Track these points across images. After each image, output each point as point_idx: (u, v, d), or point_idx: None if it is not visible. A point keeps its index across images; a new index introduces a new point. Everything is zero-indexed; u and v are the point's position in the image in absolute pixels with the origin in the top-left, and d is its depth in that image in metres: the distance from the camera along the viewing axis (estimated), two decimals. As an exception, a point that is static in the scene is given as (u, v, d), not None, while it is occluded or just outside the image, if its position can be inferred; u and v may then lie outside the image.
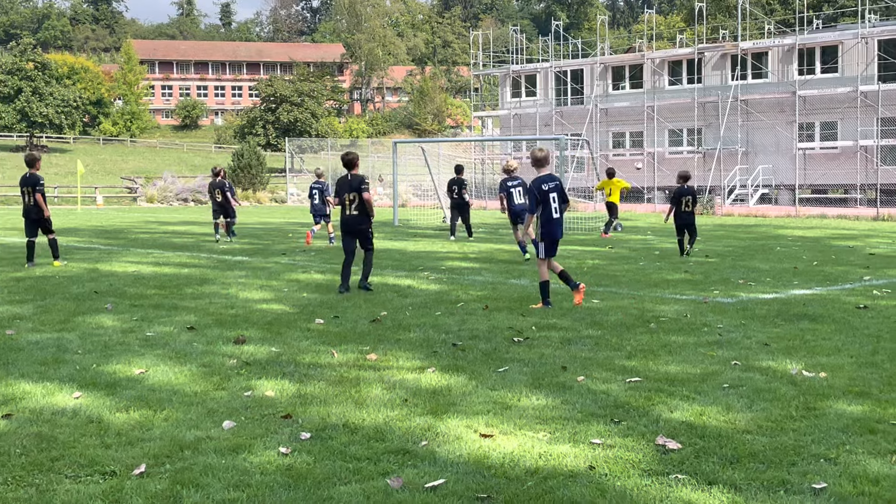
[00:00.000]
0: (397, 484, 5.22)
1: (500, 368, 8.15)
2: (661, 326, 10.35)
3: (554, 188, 12.11)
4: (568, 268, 16.97)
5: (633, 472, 5.47)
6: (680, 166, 50.47)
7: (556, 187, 12.14)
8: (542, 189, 12.06)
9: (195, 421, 6.49)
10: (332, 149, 73.09)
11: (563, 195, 12.27)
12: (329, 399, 7.08)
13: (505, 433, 6.21)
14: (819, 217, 37.95)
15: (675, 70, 53.16)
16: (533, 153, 12.37)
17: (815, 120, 47.45)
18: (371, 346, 9.16)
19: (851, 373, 7.99)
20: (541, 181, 12.15)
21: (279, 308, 11.84)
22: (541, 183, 12.12)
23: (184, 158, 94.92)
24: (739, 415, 6.64)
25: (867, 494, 5.07)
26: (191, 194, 58.45)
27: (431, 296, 13.01)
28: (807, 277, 15.28)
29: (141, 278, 15.17)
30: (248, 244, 23.18)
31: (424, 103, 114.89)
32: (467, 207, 25.70)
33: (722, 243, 23.27)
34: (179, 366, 8.25)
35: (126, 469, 5.48)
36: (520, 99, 59.69)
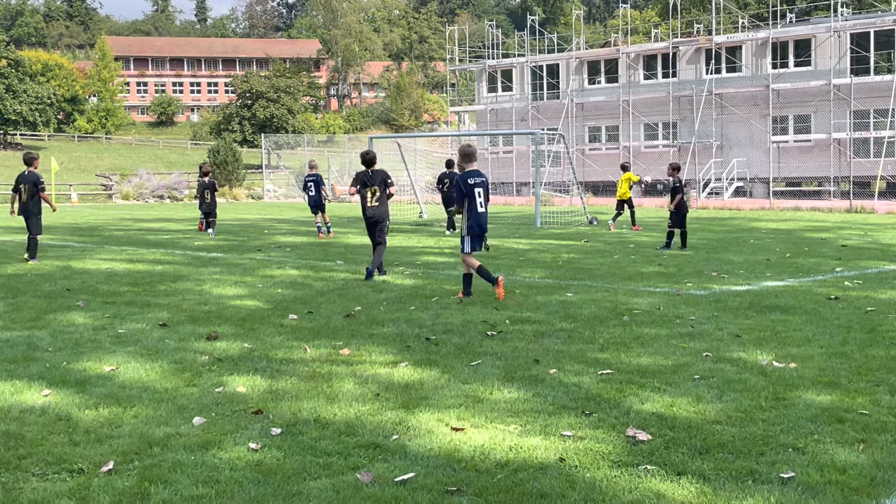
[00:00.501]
0: (367, 478, 5.21)
1: (472, 362, 8.15)
2: (634, 319, 10.39)
3: (480, 184, 12.39)
4: (542, 261, 17.04)
5: (602, 463, 5.48)
6: (656, 160, 50.73)
7: (482, 183, 12.44)
8: (468, 183, 12.34)
9: (165, 417, 6.45)
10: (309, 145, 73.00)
11: (488, 192, 12.58)
12: (301, 394, 7.06)
13: (476, 426, 6.21)
14: (793, 209, 38.20)
15: (650, 64, 53.33)
16: (461, 148, 12.76)
17: (788, 113, 47.73)
18: (344, 341, 9.15)
19: (821, 363, 8.04)
20: (467, 176, 12.45)
21: (253, 304, 11.80)
22: (467, 178, 12.41)
23: (159, 155, 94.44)
24: (709, 406, 6.67)
25: (834, 483, 5.10)
26: (166, 191, 58.19)
27: (406, 290, 13.01)
28: (779, 269, 15.36)
29: (114, 275, 15.08)
30: (223, 241, 23.09)
31: (401, 99, 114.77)
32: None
33: (696, 236, 23.35)
34: (150, 363, 8.21)
35: (94, 466, 5.45)
36: (496, 94, 59.73)
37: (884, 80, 43.99)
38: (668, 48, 51.71)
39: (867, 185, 43.97)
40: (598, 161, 53.72)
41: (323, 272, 15.44)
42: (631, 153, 51.92)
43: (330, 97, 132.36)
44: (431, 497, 4.95)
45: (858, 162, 44.38)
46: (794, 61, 47.96)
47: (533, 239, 23.01)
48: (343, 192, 58.22)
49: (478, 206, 12.37)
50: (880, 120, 44.38)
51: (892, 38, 44.76)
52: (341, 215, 36.58)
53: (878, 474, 5.23)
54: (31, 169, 17.42)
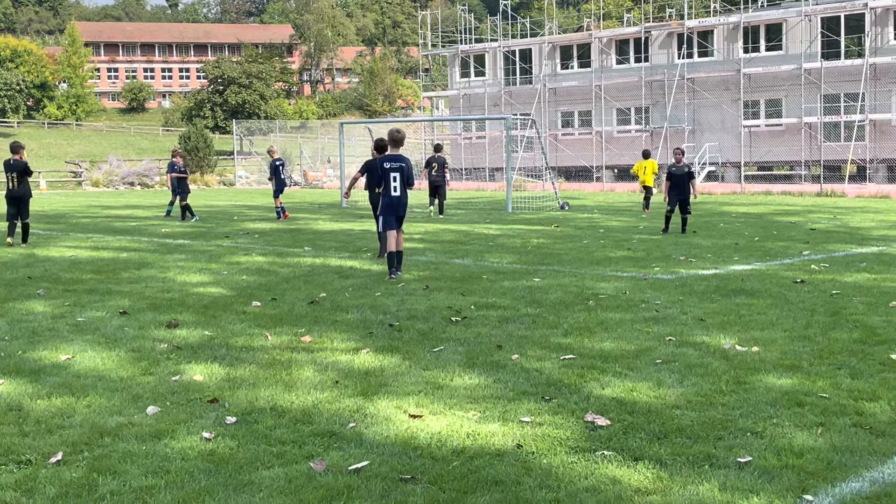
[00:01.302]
0: (321, 467, 5.14)
1: (435, 348, 8.08)
2: (599, 304, 10.35)
3: (397, 168, 12.89)
4: (512, 246, 16.99)
5: (560, 449, 5.43)
6: (629, 145, 50.76)
7: (400, 168, 12.90)
8: (384, 167, 12.94)
9: (118, 407, 6.35)
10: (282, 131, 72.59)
11: (407, 177, 12.96)
12: (258, 382, 6.97)
13: (434, 413, 6.14)
14: (764, 193, 38.34)
15: (623, 49, 53.31)
16: (389, 132, 13.19)
17: (759, 97, 47.86)
18: (307, 328, 9.05)
19: (784, 346, 8.03)
20: (383, 160, 13.07)
21: (216, 291, 11.67)
22: (383, 161, 13.04)
23: (131, 142, 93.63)
24: (670, 390, 6.64)
25: (791, 467, 5.07)
26: (137, 178, 57.73)
27: (373, 276, 12.92)
28: (747, 253, 15.38)
29: (77, 263, 14.89)
30: (190, 227, 22.89)
31: (375, 84, 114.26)
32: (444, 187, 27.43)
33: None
34: (108, 351, 8.09)
35: (42, 457, 5.34)
36: (469, 79, 59.54)
37: (854, 65, 44.16)
38: (641, 33, 51.69)
39: (837, 169, 44.17)
40: (571, 146, 53.71)
41: (290, 258, 15.31)
42: (603, 138, 51.93)
43: (303, 83, 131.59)
44: (385, 485, 4.88)
45: (829, 146, 44.58)
46: (765, 45, 48.06)
47: (504, 224, 22.96)
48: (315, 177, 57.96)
49: (391, 190, 12.87)
50: (851, 104, 44.58)
51: (863, 23, 44.93)
52: (312, 201, 36.39)
53: (835, 458, 5.21)
54: (16, 157, 17.88)
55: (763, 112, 48.18)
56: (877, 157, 44.34)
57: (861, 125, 43.82)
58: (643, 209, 27.35)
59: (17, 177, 17.91)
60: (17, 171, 17.88)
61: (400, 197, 13.01)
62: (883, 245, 16.69)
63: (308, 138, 74.00)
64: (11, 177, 17.95)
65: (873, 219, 23.32)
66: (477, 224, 22.98)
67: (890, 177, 44.01)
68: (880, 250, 15.77)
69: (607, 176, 51.58)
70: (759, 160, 48.18)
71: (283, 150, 61.64)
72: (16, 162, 17.89)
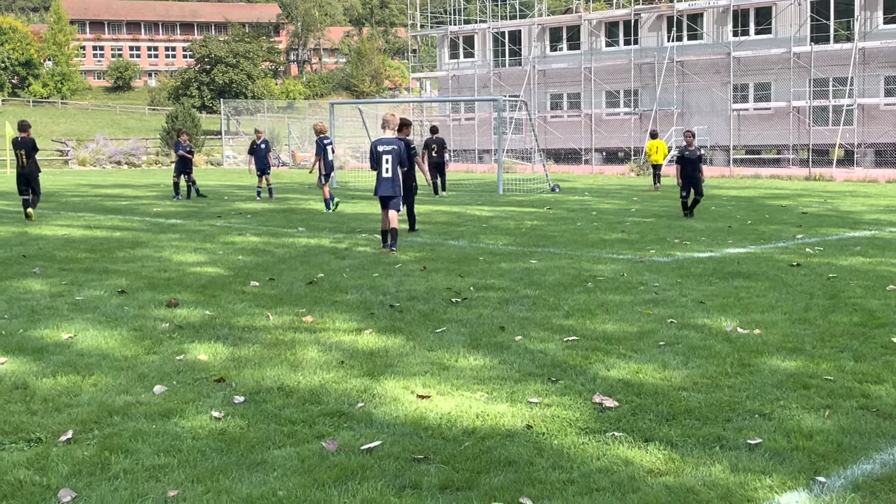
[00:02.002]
0: (333, 447, 5.14)
1: (437, 329, 8.08)
2: (598, 286, 10.36)
3: (389, 151, 13.39)
4: (506, 228, 17.00)
5: (570, 430, 5.45)
6: (618, 128, 50.77)
7: (392, 151, 13.39)
8: (377, 150, 13.49)
9: (125, 386, 6.33)
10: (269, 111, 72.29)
11: (401, 159, 13.47)
12: (263, 362, 6.96)
13: (442, 394, 6.15)
14: (753, 177, 38.42)
15: (612, 31, 53.24)
16: (384, 116, 13.79)
17: (748, 81, 47.91)
18: (307, 309, 9.04)
19: (785, 329, 8.06)
20: (377, 142, 13.60)
21: (213, 271, 11.64)
22: (377, 144, 13.57)
23: (116, 121, 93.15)
24: (675, 372, 6.66)
25: (801, 449, 5.10)
26: (124, 157, 57.46)
27: (369, 257, 12.90)
28: (741, 236, 15.43)
29: (71, 242, 14.83)
30: (182, 207, 22.82)
31: (362, 65, 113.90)
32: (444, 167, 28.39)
33: (658, 203, 23.43)
34: (109, 330, 8.06)
35: (52, 436, 5.33)
36: (458, 60, 59.39)
37: (843, 49, 44.23)
38: (630, 15, 51.62)
39: (825, 153, 44.29)
40: (560, 128, 53.68)
41: (284, 238, 15.28)
42: (592, 120, 51.93)
43: (290, 63, 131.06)
44: (398, 465, 4.88)
45: (817, 130, 44.70)
46: (754, 29, 48.09)
47: (496, 206, 22.95)
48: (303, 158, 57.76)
49: (382, 172, 13.45)
50: (839, 88, 44.68)
51: (852, 6, 44.97)
52: (302, 182, 36.30)
53: (844, 440, 5.24)
54: (24, 135, 18.71)
55: (752, 95, 48.24)
56: (864, 141, 44.48)
57: (849, 109, 43.93)
58: (654, 186, 29.79)
59: (26, 154, 18.59)
60: (25, 148, 18.59)
61: (390, 178, 13.45)
62: (875, 229, 16.76)
63: (295, 118, 73.72)
64: (20, 154, 18.66)
65: (863, 203, 23.42)
66: (469, 206, 22.96)
67: (877, 161, 44.16)
68: (873, 234, 15.84)
69: (596, 158, 51.61)
70: (748, 144, 48.27)
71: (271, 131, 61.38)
72: (24, 140, 18.64)
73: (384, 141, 13.52)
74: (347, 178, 36.55)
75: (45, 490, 4.55)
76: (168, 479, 4.70)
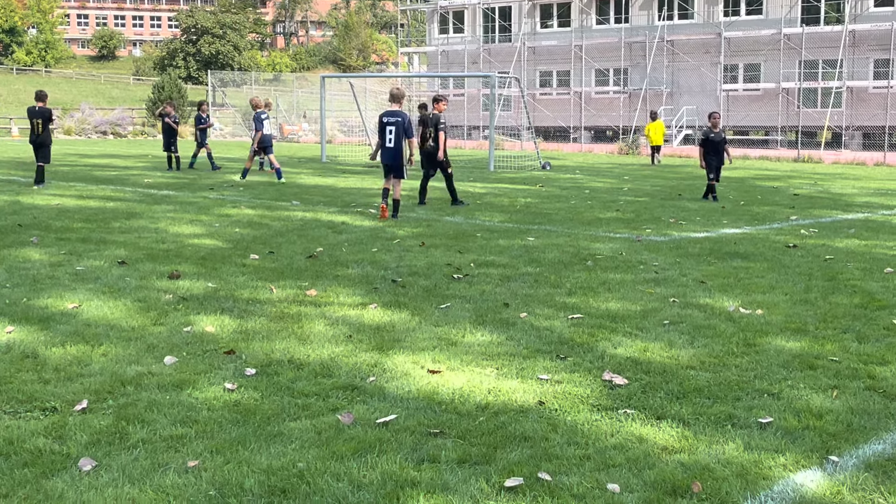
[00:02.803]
0: (349, 420, 5.16)
1: (442, 305, 8.10)
2: (598, 264, 10.40)
3: (393, 122, 14.38)
4: (500, 205, 17.02)
5: (582, 407, 5.49)
6: (606, 106, 50.75)
7: (396, 122, 14.36)
8: (382, 121, 14.54)
9: (135, 356, 6.33)
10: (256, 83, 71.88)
11: (404, 130, 14.35)
12: (271, 335, 6.98)
13: (452, 369, 6.18)
14: (742, 158, 38.48)
15: (603, 9, 53.12)
16: (391, 89, 14.67)
17: (738, 62, 47.94)
18: (310, 282, 9.05)
19: (787, 310, 8.12)
20: (383, 115, 14.65)
21: (212, 243, 11.62)
22: (382, 116, 14.66)
23: (101, 90, 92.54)
24: (682, 351, 6.71)
25: (812, 428, 5.16)
26: (109, 127, 57.11)
27: (366, 232, 12.90)
28: (735, 217, 15.49)
29: (65, 211, 14.76)
30: (173, 178, 22.72)
31: (349, 38, 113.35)
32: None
33: (649, 182, 23.48)
34: (114, 300, 8.05)
35: (67, 405, 5.33)
36: (447, 35, 59.16)
37: (834, 31, 44.29)
38: (621, -7, 51.52)
39: (814, 135, 44.43)
40: (549, 106, 53.63)
41: (279, 212, 15.25)
42: (582, 99, 51.88)
43: (276, 35, 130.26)
44: (415, 439, 4.92)
45: (806, 112, 44.81)
46: (745, 9, 48.07)
47: (488, 183, 22.95)
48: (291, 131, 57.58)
49: (385, 142, 14.43)
50: (829, 70, 44.79)
51: (843, -10, 45.01)
52: (291, 155, 36.17)
53: (853, 420, 5.30)
54: (40, 104, 19.13)
55: (741, 76, 48.30)
56: (852, 124, 44.63)
57: (838, 92, 44.05)
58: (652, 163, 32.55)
59: (42, 124, 19.01)
60: (42, 118, 19.03)
61: (392, 148, 14.40)
62: (867, 211, 16.86)
63: (282, 91, 73.35)
64: (36, 123, 19.04)
65: (854, 185, 23.53)
66: (461, 182, 22.89)
67: (865, 144, 44.32)
68: (866, 217, 15.93)
69: (585, 137, 51.61)
70: (736, 125, 48.35)
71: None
72: (41, 109, 19.07)
73: (389, 113, 14.49)
74: (337, 153, 36.43)
75: (65, 458, 4.57)
76: (187, 449, 4.72)
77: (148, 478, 4.35)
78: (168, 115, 26.44)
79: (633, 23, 51.19)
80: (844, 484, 4.41)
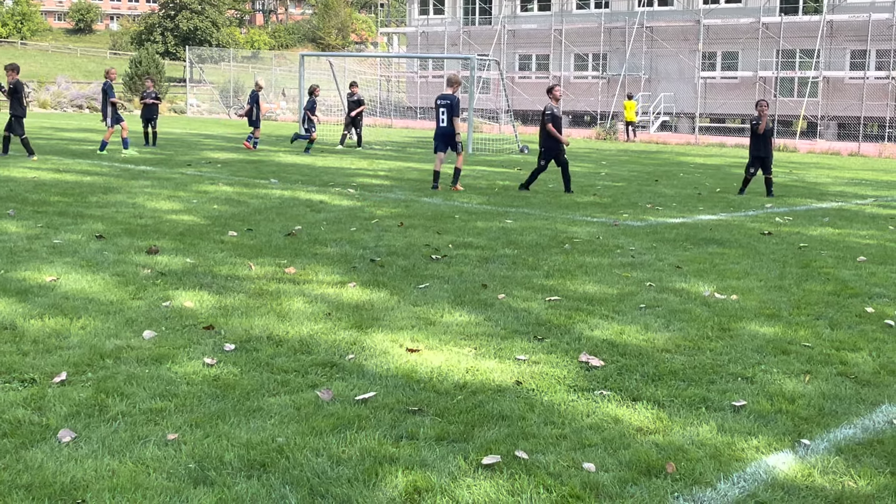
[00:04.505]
0: (328, 396, 5.20)
1: (420, 285, 8.14)
2: (575, 247, 10.47)
3: (443, 105, 16.18)
4: (478, 188, 17.06)
5: (559, 387, 5.55)
6: (585, 91, 50.80)
7: (446, 105, 16.14)
8: (436, 103, 16.37)
9: (114, 330, 6.34)
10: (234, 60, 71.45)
11: (453, 111, 16.10)
12: (251, 311, 6.99)
13: (430, 348, 6.22)
14: (718, 145, 38.69)
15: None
16: (447, 76, 16.74)
17: (717, 49, 48.11)
18: (288, 260, 9.06)
19: (761, 296, 8.21)
20: (437, 97, 16.47)
21: (190, 219, 11.60)
22: (437, 98, 16.46)
23: (77, 64, 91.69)
24: (658, 334, 6.78)
25: (784, 412, 5.24)
26: (86, 101, 56.69)
27: (345, 211, 12.91)
28: (711, 203, 15.61)
29: (42, 185, 14.67)
30: (150, 154, 22.61)
31: (329, 17, 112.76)
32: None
33: (626, 168, 23.59)
34: (92, 274, 8.04)
35: (46, 377, 5.34)
36: (427, 16, 59.01)
37: (812, 21, 44.52)
38: (602, -22, 51.54)
39: (789, 124, 44.71)
40: (528, 90, 53.62)
41: (257, 189, 15.23)
42: (561, 83, 51.83)
43: (255, 12, 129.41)
44: (393, 416, 4.96)
45: (783, 101, 45.06)
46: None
47: (466, 165, 22.89)
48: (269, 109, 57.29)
49: (438, 122, 16.31)
50: (806, 60, 45.03)
51: (822, -20, 45.23)
52: (269, 133, 36.03)
53: (825, 404, 5.38)
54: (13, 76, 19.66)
55: (719, 64, 48.50)
56: (828, 114, 44.93)
57: (815, 82, 44.32)
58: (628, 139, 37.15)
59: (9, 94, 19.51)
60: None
61: (444, 127, 16.20)
62: (841, 200, 17.02)
63: (261, 69, 72.96)
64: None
65: (828, 175, 23.73)
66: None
67: (840, 134, 44.65)
68: (840, 206, 16.09)
69: (563, 121, 51.62)
70: (713, 112, 48.57)
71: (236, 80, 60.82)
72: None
73: (442, 96, 16.35)
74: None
75: (44, 430, 4.58)
76: (167, 422, 4.74)
77: (128, 450, 4.37)
78: (148, 91, 26.27)
79: (612, 8, 51.25)
80: (815, 467, 4.49)
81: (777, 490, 4.22)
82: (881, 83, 43.19)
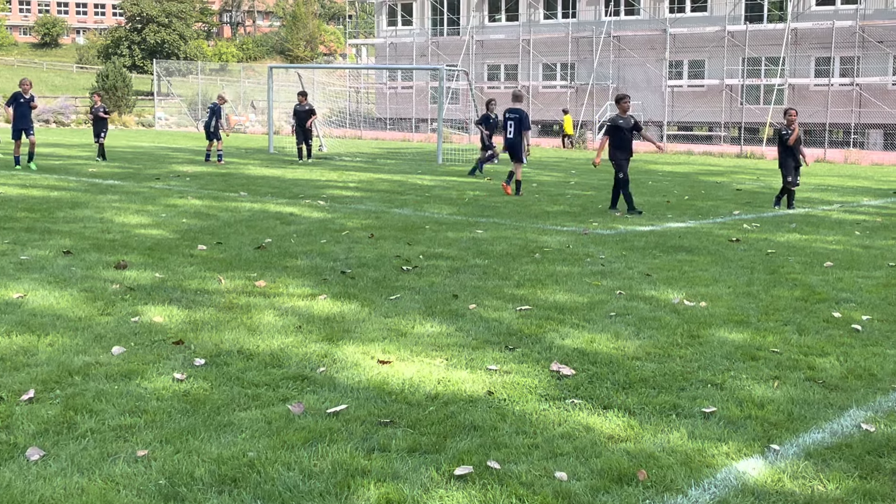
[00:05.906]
0: (299, 409, 5.18)
1: (391, 296, 8.14)
2: (545, 257, 10.50)
3: (512, 118, 17.85)
4: (448, 198, 17.08)
5: (530, 396, 5.56)
6: (553, 101, 51.00)
7: (514, 118, 17.82)
8: (506, 117, 18.06)
9: (82, 346, 6.29)
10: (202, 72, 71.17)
11: (521, 124, 17.79)
12: (221, 325, 6.96)
13: (402, 360, 6.22)
14: (686, 153, 38.96)
15: (551, 4, 53.37)
16: (513, 91, 18.54)
17: (683, 58, 48.46)
18: (259, 273, 9.03)
19: (730, 302, 8.27)
20: (506, 111, 18.11)
21: (159, 233, 11.53)
22: (505, 112, 18.16)
23: (44, 78, 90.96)
24: (628, 342, 6.81)
25: (754, 418, 5.27)
26: (52, 115, 56.24)
27: (315, 223, 12.88)
28: (680, 211, 15.70)
29: (8, 200, 14.55)
30: (118, 168, 22.47)
31: (297, 29, 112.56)
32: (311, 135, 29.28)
33: (596, 177, 23.67)
34: (59, 290, 7.97)
35: (13, 394, 5.29)
36: (396, 28, 59.05)
37: (776, 28, 44.95)
38: (569, -12, 51.78)
39: (756, 131, 45.08)
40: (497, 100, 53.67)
41: (227, 202, 15.17)
42: (529, 92, 52.05)
43: (223, 24, 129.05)
44: (365, 428, 4.95)
45: (749, 108, 45.44)
46: (690, 6, 48.60)
47: (436, 175, 23.01)
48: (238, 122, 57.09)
49: (507, 134, 17.98)
50: (771, 68, 45.44)
51: (786, -12, 45.67)
52: (238, 146, 35.91)
53: (794, 410, 5.43)
54: None
55: (686, 72, 48.84)
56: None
57: (780, 89, 44.72)
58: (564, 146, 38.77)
59: None
60: None
61: (512, 139, 17.84)
62: (808, 206, 17.19)
63: (229, 81, 72.70)
64: None
65: (795, 182, 23.91)
66: (409, 174, 22.99)
67: (806, 141, 44.99)
68: (806, 212, 16.25)
69: (532, 131, 51.79)
70: (681, 120, 48.89)
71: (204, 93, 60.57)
72: None
73: (511, 110, 17.98)
74: (284, 144, 36.19)
75: (12, 448, 4.53)
76: (136, 438, 4.71)
77: (97, 467, 4.34)
78: (97, 106, 26.35)
79: (580, 18, 51.52)
80: (785, 472, 4.52)
81: (747, 495, 4.25)
82: (845, 90, 43.65)
